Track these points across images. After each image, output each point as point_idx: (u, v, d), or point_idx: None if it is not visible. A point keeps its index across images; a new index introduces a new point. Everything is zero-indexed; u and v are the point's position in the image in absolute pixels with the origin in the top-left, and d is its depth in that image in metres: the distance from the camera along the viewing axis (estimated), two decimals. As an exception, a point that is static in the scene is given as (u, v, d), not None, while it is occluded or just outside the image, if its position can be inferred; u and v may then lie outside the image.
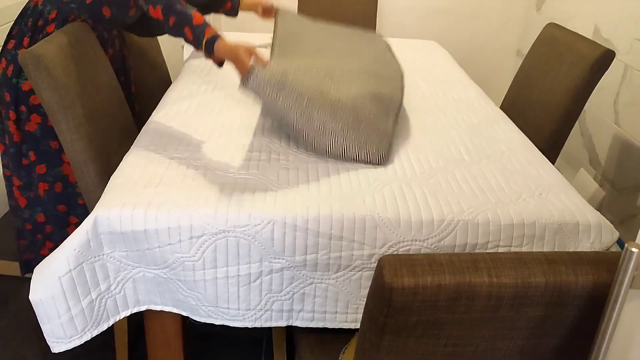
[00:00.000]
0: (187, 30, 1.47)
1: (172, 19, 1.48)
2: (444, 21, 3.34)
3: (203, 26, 1.47)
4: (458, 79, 2.10)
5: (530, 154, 1.51)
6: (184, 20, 1.47)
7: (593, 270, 0.76)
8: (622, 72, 2.30)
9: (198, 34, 1.46)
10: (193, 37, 1.47)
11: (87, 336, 1.20)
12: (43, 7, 1.56)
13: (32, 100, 1.55)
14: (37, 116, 1.56)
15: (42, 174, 1.62)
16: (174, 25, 1.48)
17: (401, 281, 0.72)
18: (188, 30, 1.47)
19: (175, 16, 1.47)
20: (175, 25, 1.48)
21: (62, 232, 1.71)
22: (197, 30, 1.46)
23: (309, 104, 1.38)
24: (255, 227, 1.17)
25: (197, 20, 1.47)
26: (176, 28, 1.48)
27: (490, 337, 0.79)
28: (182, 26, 1.47)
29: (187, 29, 1.47)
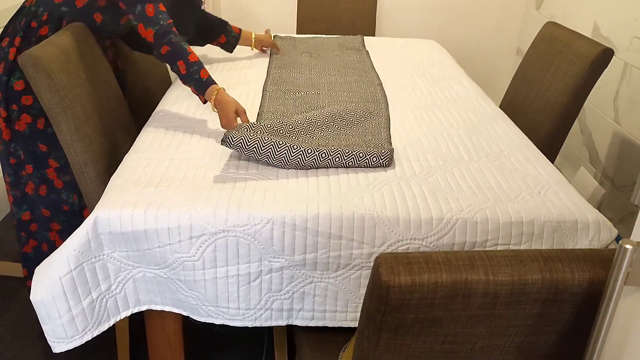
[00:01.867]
0: (181, 64, 1.50)
1: (166, 48, 1.50)
2: (443, 20, 3.34)
3: (199, 65, 1.51)
4: (457, 78, 2.10)
5: (529, 152, 1.52)
6: (179, 53, 1.50)
7: (589, 267, 0.76)
8: (622, 70, 2.30)
9: (192, 72, 1.50)
10: (186, 72, 1.50)
11: (88, 336, 1.21)
12: (36, 8, 1.57)
13: (24, 100, 1.56)
14: (27, 116, 1.57)
15: (29, 174, 1.63)
16: (167, 54, 1.51)
17: (398, 279, 0.73)
18: (182, 64, 1.50)
19: (169, 46, 1.50)
20: (168, 55, 1.51)
21: (44, 234, 1.71)
22: (191, 68, 1.50)
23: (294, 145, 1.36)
24: (254, 226, 1.18)
25: (193, 57, 1.51)
26: (169, 58, 1.51)
27: (487, 335, 0.80)
28: (176, 58, 1.50)
29: (181, 63, 1.50)
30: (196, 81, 1.51)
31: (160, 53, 1.52)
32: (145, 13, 1.51)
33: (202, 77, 1.51)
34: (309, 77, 1.97)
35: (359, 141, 1.47)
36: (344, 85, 1.91)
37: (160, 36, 1.51)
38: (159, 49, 1.51)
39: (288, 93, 1.81)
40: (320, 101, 1.75)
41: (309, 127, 1.49)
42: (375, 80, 1.98)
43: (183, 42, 1.53)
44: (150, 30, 1.51)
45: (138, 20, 1.51)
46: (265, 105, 1.70)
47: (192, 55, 1.51)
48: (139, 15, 1.51)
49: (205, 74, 1.51)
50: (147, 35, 1.52)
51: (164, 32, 1.51)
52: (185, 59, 1.50)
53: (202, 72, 1.51)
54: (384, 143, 1.47)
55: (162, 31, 1.51)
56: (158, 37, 1.51)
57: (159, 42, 1.51)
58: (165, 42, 1.51)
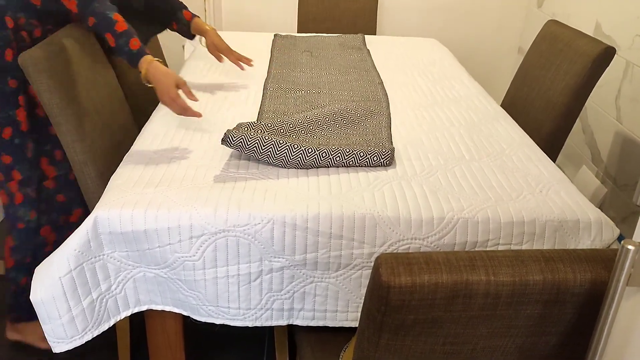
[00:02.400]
0: (109, 36, 1.43)
1: (92, 20, 1.42)
2: (444, 18, 3.33)
3: (127, 35, 1.42)
4: (458, 77, 2.09)
5: (531, 151, 1.51)
6: (105, 23, 1.42)
7: (591, 267, 0.76)
8: (624, 69, 2.29)
9: (121, 44, 1.42)
10: (115, 45, 1.43)
11: (88, 336, 1.21)
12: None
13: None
14: None
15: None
16: (94, 26, 1.43)
17: (398, 280, 0.72)
18: (109, 36, 1.42)
19: (94, 17, 1.42)
20: (95, 27, 1.43)
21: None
22: (120, 39, 1.42)
23: (295, 144, 1.35)
24: (255, 226, 1.17)
25: (120, 27, 1.42)
26: (97, 30, 1.44)
27: (488, 335, 0.79)
28: (103, 30, 1.42)
29: (109, 35, 1.42)
30: (126, 54, 1.43)
31: (88, 26, 1.44)
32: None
33: (132, 48, 1.42)
34: (309, 76, 1.97)
35: (360, 140, 1.47)
36: (344, 84, 1.91)
37: (83, 6, 1.41)
38: (86, 21, 1.43)
39: (289, 92, 1.80)
40: (321, 100, 1.74)
41: (310, 126, 1.49)
42: (376, 79, 1.98)
43: (109, 9, 1.43)
44: (73, 1, 1.41)
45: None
46: (266, 105, 1.70)
47: (120, 24, 1.42)
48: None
49: (135, 44, 1.43)
50: (71, 7, 1.43)
51: (87, 0, 1.41)
52: (112, 30, 1.41)
53: (131, 42, 1.42)
54: (385, 142, 1.47)
55: (84, 2, 1.41)
56: (81, 7, 1.42)
57: (83, 13, 1.42)
58: (89, 12, 1.42)
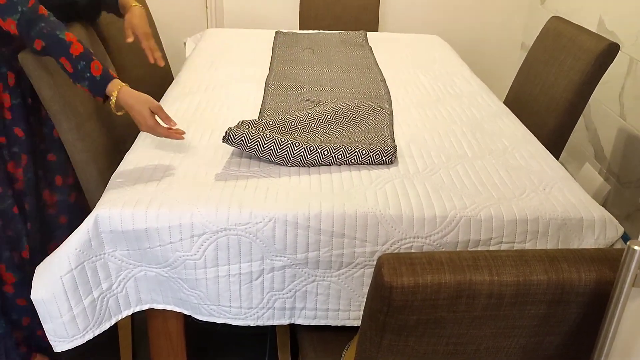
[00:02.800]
0: (64, 61, 1.24)
1: (39, 43, 1.22)
2: (447, 15, 3.32)
3: (86, 58, 1.25)
4: (461, 73, 2.08)
5: (534, 148, 1.50)
6: (57, 47, 1.22)
7: (596, 267, 0.75)
8: (628, 65, 2.27)
9: (80, 70, 1.24)
10: (73, 71, 1.25)
11: (89, 335, 1.20)
12: None
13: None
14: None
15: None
16: (43, 50, 1.23)
17: (401, 280, 0.71)
18: (65, 61, 1.24)
19: (42, 39, 1.22)
20: (44, 51, 1.24)
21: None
22: (78, 64, 1.24)
23: (296, 143, 1.34)
24: (256, 225, 1.16)
25: (75, 49, 1.23)
26: (47, 54, 1.24)
27: (491, 336, 0.79)
28: (56, 55, 1.24)
29: (64, 60, 1.24)
30: (88, 80, 1.25)
31: (35, 50, 1.24)
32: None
33: (94, 73, 1.24)
34: (311, 73, 1.96)
35: (362, 138, 1.46)
36: (346, 81, 1.90)
37: (26, 27, 1.21)
38: (32, 45, 1.23)
39: (290, 89, 1.79)
40: (322, 97, 1.74)
41: (311, 123, 1.48)
42: (378, 76, 1.97)
43: (58, 27, 1.24)
44: (11, 21, 1.20)
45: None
46: (268, 102, 1.69)
47: (75, 46, 1.23)
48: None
49: (97, 69, 1.25)
50: (7, 27, 1.21)
51: (30, 21, 1.20)
52: (67, 54, 1.23)
53: (92, 66, 1.24)
54: (387, 140, 1.46)
55: (27, 19, 1.20)
56: (24, 29, 1.21)
57: (28, 36, 1.21)
58: (36, 34, 1.21)
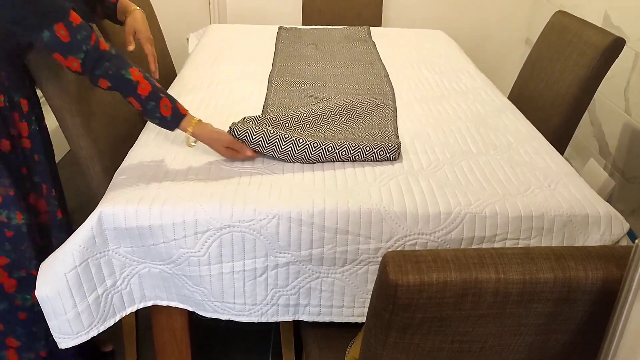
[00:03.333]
0: (132, 100, 1.21)
1: (105, 83, 1.18)
2: (450, 9, 3.30)
3: (155, 98, 1.21)
4: (465, 69, 2.07)
5: (539, 144, 1.49)
6: (124, 87, 1.19)
7: (603, 265, 0.74)
8: (633, 60, 2.26)
9: (150, 110, 1.21)
10: (142, 109, 1.22)
11: (93, 332, 1.20)
12: None
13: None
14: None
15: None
16: (108, 89, 1.19)
17: (406, 278, 0.71)
18: (133, 101, 1.21)
19: (108, 80, 1.17)
20: (110, 89, 1.19)
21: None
22: (147, 105, 1.21)
23: (300, 137, 1.33)
24: (260, 221, 1.16)
25: (143, 89, 1.19)
26: (114, 91, 1.20)
27: (497, 334, 0.78)
28: (124, 95, 1.20)
29: (132, 100, 1.20)
30: (159, 120, 1.23)
31: (98, 87, 1.20)
32: (58, 40, 1.10)
33: (164, 114, 1.22)
34: (314, 69, 1.95)
35: (366, 134, 1.45)
36: (350, 77, 1.89)
37: (90, 66, 1.15)
38: (96, 83, 1.18)
39: (294, 85, 1.79)
40: (326, 93, 1.73)
41: (315, 119, 1.47)
42: (382, 71, 1.96)
43: (123, 66, 1.18)
44: (73, 60, 1.13)
45: (50, 50, 1.12)
46: (271, 98, 1.68)
47: (142, 85, 1.19)
48: (50, 43, 1.10)
49: (166, 108, 1.22)
50: (69, 65, 1.14)
51: (94, 60, 1.14)
52: (134, 93, 1.19)
53: (161, 106, 1.22)
54: (391, 136, 1.45)
55: (91, 58, 1.14)
56: (88, 69, 1.15)
57: (93, 76, 1.16)
58: (101, 74, 1.16)
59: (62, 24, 1.10)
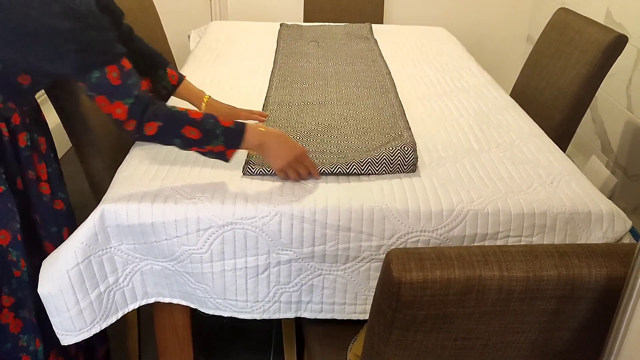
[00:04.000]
0: (189, 129, 1.11)
1: (154, 125, 1.08)
2: (452, 6, 3.30)
3: (209, 116, 1.13)
4: (467, 66, 2.07)
5: (541, 141, 1.49)
6: (175, 121, 1.10)
7: (606, 262, 0.74)
8: (635, 57, 2.26)
9: (210, 128, 1.12)
10: (203, 134, 1.12)
11: (95, 329, 1.21)
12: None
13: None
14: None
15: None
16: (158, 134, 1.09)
17: (409, 276, 0.71)
18: (190, 129, 1.11)
19: (156, 120, 1.08)
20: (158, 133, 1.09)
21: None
22: (206, 124, 1.12)
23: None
24: (262, 219, 1.16)
25: (194, 114, 1.11)
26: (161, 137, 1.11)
27: (500, 331, 0.78)
28: (177, 129, 1.10)
29: (188, 128, 1.11)
30: (223, 134, 1.13)
31: (143, 135, 1.08)
32: (107, 82, 1.03)
33: (225, 124, 1.13)
34: (316, 66, 1.95)
35: (380, 145, 1.38)
36: (351, 74, 1.89)
37: (138, 113, 1.06)
38: (141, 131, 1.08)
39: (295, 83, 1.79)
40: (327, 91, 1.72)
41: (324, 135, 1.43)
42: (384, 69, 1.96)
43: (166, 106, 1.11)
44: (120, 105, 1.04)
45: (96, 91, 1.03)
46: (272, 96, 1.68)
47: (192, 112, 1.11)
48: (98, 85, 1.03)
49: (225, 120, 1.14)
50: (112, 111, 1.05)
51: (143, 106, 1.07)
52: (189, 121, 1.10)
53: (220, 121, 1.13)
54: (408, 147, 1.33)
55: (140, 104, 1.06)
56: (136, 115, 1.06)
57: (140, 121, 1.07)
58: (149, 117, 1.07)
59: (115, 66, 1.03)
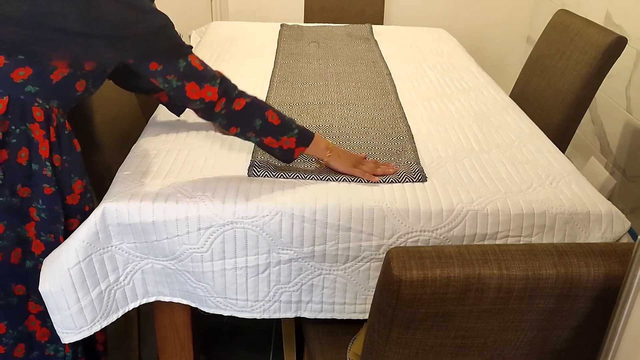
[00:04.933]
0: (270, 113, 1.22)
1: (242, 101, 1.19)
2: (452, 7, 3.31)
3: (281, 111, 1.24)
4: (467, 67, 2.07)
5: (541, 142, 1.50)
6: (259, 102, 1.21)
7: (604, 262, 0.75)
8: (634, 59, 2.26)
9: (287, 120, 1.23)
10: (281, 121, 1.22)
11: (96, 327, 1.21)
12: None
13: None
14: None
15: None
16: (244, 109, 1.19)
17: (410, 274, 0.72)
18: (272, 113, 1.22)
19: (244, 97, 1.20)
20: (245, 109, 1.19)
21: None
22: (284, 115, 1.23)
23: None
24: (263, 218, 1.17)
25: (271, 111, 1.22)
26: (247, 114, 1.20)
27: (499, 329, 0.79)
28: (261, 110, 1.21)
29: (270, 112, 1.22)
30: (299, 128, 1.24)
31: (231, 110, 1.18)
32: (194, 68, 1.14)
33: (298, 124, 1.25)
34: (316, 67, 1.95)
35: (383, 149, 1.40)
36: (352, 75, 1.89)
37: (227, 89, 1.18)
38: (230, 106, 1.18)
39: (295, 83, 1.79)
40: (328, 91, 1.73)
41: (325, 136, 1.43)
42: (384, 70, 1.96)
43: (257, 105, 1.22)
44: (210, 87, 1.16)
45: (187, 79, 1.14)
46: (272, 96, 1.69)
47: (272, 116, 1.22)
48: (187, 72, 1.14)
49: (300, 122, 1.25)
50: (203, 95, 1.16)
51: (230, 84, 1.19)
52: (271, 107, 1.22)
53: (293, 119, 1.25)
54: (413, 163, 1.35)
55: (226, 83, 1.19)
56: (226, 91, 1.18)
57: (231, 97, 1.18)
58: (240, 94, 1.19)
59: (194, 55, 1.16)
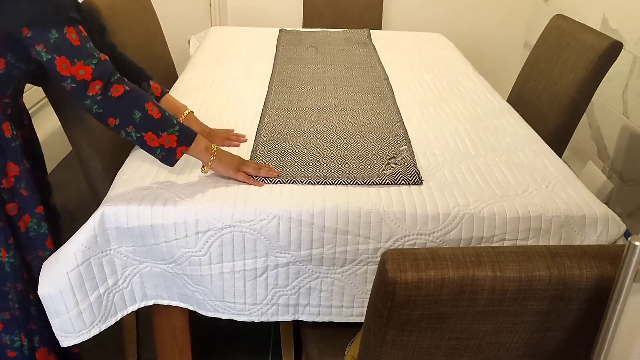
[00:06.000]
0: (150, 105, 1.14)
1: (121, 89, 1.11)
2: (450, 12, 3.32)
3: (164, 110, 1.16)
4: (464, 72, 2.09)
5: (537, 146, 1.51)
6: (139, 93, 1.14)
7: (597, 263, 0.75)
8: (631, 63, 2.28)
9: (168, 115, 1.17)
10: (161, 115, 1.16)
11: (95, 330, 1.21)
12: None
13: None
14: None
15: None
16: (121, 98, 1.10)
17: (404, 276, 0.72)
18: (151, 105, 1.14)
19: (124, 85, 1.11)
20: (123, 98, 1.10)
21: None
22: (165, 111, 1.17)
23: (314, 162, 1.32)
24: (260, 221, 1.17)
25: (157, 91, 1.18)
26: (120, 105, 1.10)
27: (493, 331, 0.79)
28: (140, 102, 1.13)
29: (150, 105, 1.14)
30: (180, 125, 1.18)
31: (107, 96, 1.08)
32: (67, 42, 1.02)
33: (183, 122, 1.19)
34: (314, 72, 1.96)
35: (379, 158, 1.39)
36: (350, 79, 1.90)
37: (104, 72, 1.07)
38: (107, 92, 1.08)
39: (293, 88, 1.80)
40: (326, 96, 1.74)
41: (323, 140, 1.44)
42: (382, 74, 1.97)
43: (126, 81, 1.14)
44: (83, 66, 1.04)
45: (57, 52, 1.02)
46: (270, 101, 1.70)
47: (155, 88, 1.18)
48: (58, 45, 1.02)
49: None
50: (75, 73, 1.03)
51: (110, 68, 1.09)
52: (152, 100, 1.15)
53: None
54: (409, 165, 1.36)
55: (105, 66, 1.08)
56: (102, 73, 1.06)
57: (108, 81, 1.07)
58: (118, 80, 1.09)
59: (72, 29, 1.04)
